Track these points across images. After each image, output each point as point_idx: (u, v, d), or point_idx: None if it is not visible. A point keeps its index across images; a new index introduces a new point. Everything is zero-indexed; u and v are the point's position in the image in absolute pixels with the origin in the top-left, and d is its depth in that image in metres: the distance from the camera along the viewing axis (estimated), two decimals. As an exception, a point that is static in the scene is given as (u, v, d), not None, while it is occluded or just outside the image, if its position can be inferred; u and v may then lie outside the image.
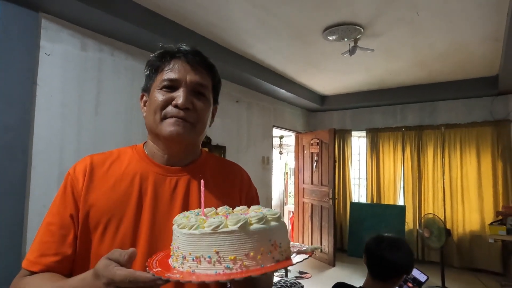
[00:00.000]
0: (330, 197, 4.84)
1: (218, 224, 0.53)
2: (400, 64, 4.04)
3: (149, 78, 0.83)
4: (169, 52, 0.82)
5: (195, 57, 0.81)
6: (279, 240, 0.56)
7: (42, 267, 0.71)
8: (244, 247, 0.52)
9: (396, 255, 1.42)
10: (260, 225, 0.54)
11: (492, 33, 3.08)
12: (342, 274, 4.52)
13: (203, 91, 0.82)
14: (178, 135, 0.77)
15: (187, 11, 2.76)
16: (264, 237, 0.54)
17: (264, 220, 0.55)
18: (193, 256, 0.53)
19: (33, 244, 0.75)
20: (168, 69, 0.80)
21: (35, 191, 2.28)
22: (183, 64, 0.80)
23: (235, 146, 4.25)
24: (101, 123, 2.71)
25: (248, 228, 0.53)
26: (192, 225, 0.55)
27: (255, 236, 0.53)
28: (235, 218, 0.53)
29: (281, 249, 0.56)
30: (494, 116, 4.64)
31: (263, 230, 0.54)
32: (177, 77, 0.79)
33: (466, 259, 4.69)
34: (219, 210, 0.68)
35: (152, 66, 0.82)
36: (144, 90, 0.85)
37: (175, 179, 0.81)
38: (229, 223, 0.53)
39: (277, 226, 0.57)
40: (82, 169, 0.78)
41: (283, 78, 4.57)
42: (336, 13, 2.78)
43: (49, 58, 2.39)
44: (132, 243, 0.73)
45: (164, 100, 0.78)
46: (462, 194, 4.78)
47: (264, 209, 0.63)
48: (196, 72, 0.80)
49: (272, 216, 0.57)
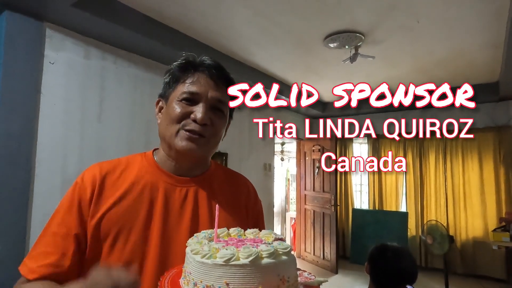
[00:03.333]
0: (332, 204, 4.83)
1: (230, 256, 0.54)
2: (400, 71, 4.05)
3: (169, 86, 0.82)
4: (192, 64, 0.81)
5: (217, 73, 0.81)
6: (287, 274, 0.57)
7: (40, 276, 0.70)
8: (254, 281, 0.53)
9: (400, 265, 1.42)
10: (270, 259, 0.56)
11: (492, 40, 3.09)
12: (345, 281, 4.49)
13: (221, 107, 0.82)
14: (191, 150, 0.77)
15: (189, 20, 2.79)
16: (273, 272, 0.55)
17: (274, 255, 0.57)
18: (204, 285, 0.54)
19: (34, 251, 0.73)
20: (190, 82, 0.79)
21: (38, 199, 2.28)
22: (206, 78, 0.80)
23: (237, 153, 4.26)
24: (104, 131, 2.72)
25: (259, 263, 0.54)
26: (205, 254, 0.56)
27: (265, 270, 0.54)
28: (247, 252, 0.54)
29: (288, 283, 0.57)
30: (495, 122, 4.64)
31: (273, 265, 0.55)
32: (199, 92, 0.78)
33: (469, 266, 4.65)
34: (231, 231, 0.69)
35: (174, 75, 0.82)
36: (162, 96, 0.85)
37: (185, 189, 0.81)
38: (241, 256, 0.54)
39: (286, 261, 0.58)
40: (90, 178, 0.77)
41: (284, 85, 4.59)
42: (337, 21, 2.80)
43: (53, 66, 2.41)
44: (142, 254, 0.73)
45: (182, 112, 0.78)
46: (464, 200, 4.76)
47: (274, 239, 0.65)
48: (217, 88, 0.81)
49: (283, 250, 0.58)
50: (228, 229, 0.70)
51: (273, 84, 1.01)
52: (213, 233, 0.65)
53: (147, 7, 2.58)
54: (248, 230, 0.70)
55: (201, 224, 0.78)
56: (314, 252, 5.27)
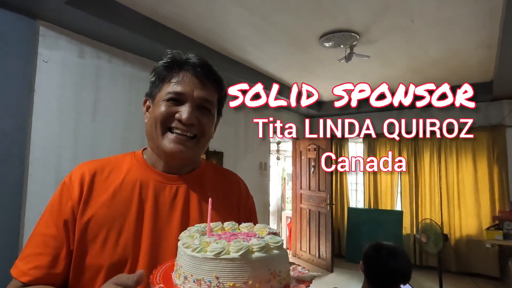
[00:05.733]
0: (328, 203, 4.84)
1: (220, 250, 0.54)
2: (396, 71, 4.07)
3: (155, 85, 0.81)
4: (177, 62, 0.80)
5: (203, 71, 0.80)
6: (278, 268, 0.57)
7: (33, 278, 0.69)
8: (243, 275, 0.53)
9: (395, 264, 1.43)
10: (261, 253, 0.55)
11: (486, 40, 3.12)
12: (340, 279, 4.50)
13: (208, 106, 0.81)
14: (179, 152, 0.77)
15: (184, 18, 2.78)
16: (264, 266, 0.55)
17: (265, 249, 0.56)
18: (194, 278, 0.54)
19: (25, 252, 0.72)
20: (175, 81, 0.78)
21: (31, 198, 2.27)
22: (192, 77, 0.78)
23: (232, 152, 4.25)
24: (98, 130, 2.71)
25: (250, 257, 0.54)
26: (195, 248, 0.56)
27: (255, 264, 0.54)
28: (238, 246, 0.54)
29: (280, 277, 0.57)
30: (489, 121, 4.68)
31: (263, 259, 0.55)
32: (184, 91, 0.77)
33: (463, 264, 4.69)
34: (225, 225, 0.69)
35: (159, 74, 0.81)
36: (148, 96, 0.84)
37: (175, 187, 0.80)
38: (231, 250, 0.54)
39: (278, 255, 0.58)
40: (78, 177, 0.76)
41: (280, 84, 4.59)
42: (332, 20, 2.81)
43: (46, 65, 2.39)
44: (134, 252, 0.72)
45: (168, 112, 0.77)
46: (458, 199, 4.80)
47: (268, 233, 0.64)
48: (203, 87, 0.79)
49: (274, 244, 0.58)
50: (222, 223, 0.70)
51: (272, 84, 1.01)
52: (206, 227, 0.65)
53: (142, 6, 2.56)
54: (243, 224, 0.69)
55: (191, 221, 0.78)
56: (309, 251, 5.28)
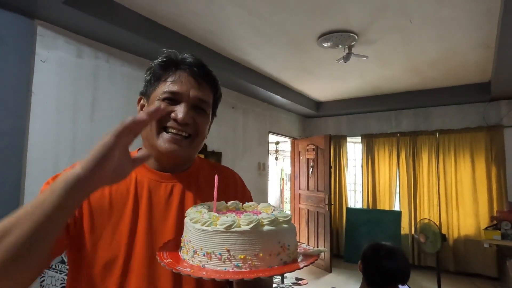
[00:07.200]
0: (326, 203, 4.84)
1: (231, 223, 0.54)
2: (394, 71, 4.08)
3: (150, 84, 0.81)
4: (173, 62, 0.80)
5: (200, 71, 0.80)
6: (288, 242, 0.58)
7: None
8: (254, 247, 0.54)
9: (393, 264, 1.43)
10: (271, 227, 0.56)
11: (484, 40, 3.13)
12: (339, 280, 4.51)
13: (204, 107, 0.81)
14: (174, 152, 0.76)
15: (183, 19, 2.77)
16: (274, 239, 0.56)
17: (275, 223, 0.57)
18: (204, 252, 0.55)
19: None
20: (171, 81, 0.78)
21: (29, 198, 2.26)
22: (187, 77, 0.78)
23: (231, 152, 4.25)
24: (96, 130, 2.70)
25: (260, 229, 0.55)
26: (205, 221, 0.56)
27: (265, 237, 0.55)
28: (248, 219, 0.55)
29: (289, 251, 0.58)
30: (487, 121, 4.69)
31: (273, 232, 0.56)
32: (180, 91, 0.77)
33: (461, 264, 4.70)
34: (229, 204, 0.70)
35: (155, 73, 0.80)
36: (143, 94, 0.83)
37: (171, 185, 0.81)
38: (242, 223, 0.55)
39: (287, 229, 0.59)
40: None
41: (278, 84, 4.60)
42: (330, 21, 2.81)
43: (44, 65, 2.39)
44: (129, 249, 0.72)
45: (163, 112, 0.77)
46: (457, 199, 4.81)
47: (274, 209, 0.65)
48: (199, 87, 0.79)
49: (283, 218, 0.59)
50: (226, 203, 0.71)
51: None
52: (211, 205, 0.66)
53: (140, 6, 2.56)
54: (246, 203, 0.70)
55: None
56: (308, 251, 5.27)
